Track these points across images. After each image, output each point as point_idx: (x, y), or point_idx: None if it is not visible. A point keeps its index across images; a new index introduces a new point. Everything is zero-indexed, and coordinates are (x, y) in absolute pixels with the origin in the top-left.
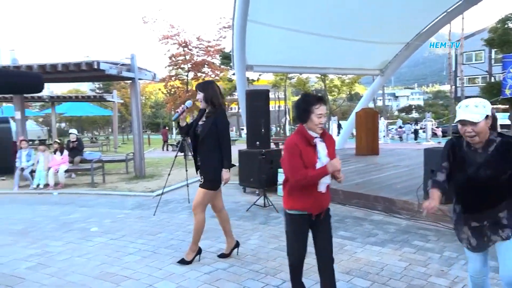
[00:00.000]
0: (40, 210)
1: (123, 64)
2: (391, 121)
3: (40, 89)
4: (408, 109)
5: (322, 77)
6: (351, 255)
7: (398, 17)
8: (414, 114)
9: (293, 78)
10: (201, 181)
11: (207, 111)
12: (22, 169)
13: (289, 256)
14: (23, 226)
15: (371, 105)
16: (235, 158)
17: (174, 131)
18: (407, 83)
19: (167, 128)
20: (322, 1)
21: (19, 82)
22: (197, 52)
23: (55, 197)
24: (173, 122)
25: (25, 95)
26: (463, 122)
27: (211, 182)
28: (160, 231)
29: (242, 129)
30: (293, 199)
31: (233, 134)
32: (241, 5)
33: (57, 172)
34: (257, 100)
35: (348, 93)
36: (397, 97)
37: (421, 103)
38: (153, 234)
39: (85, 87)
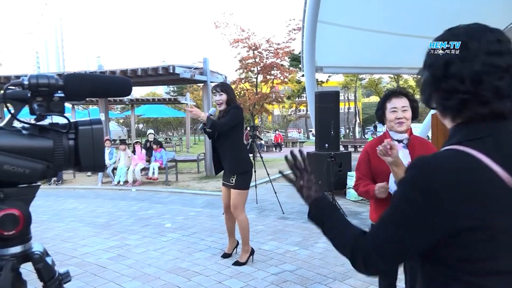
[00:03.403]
0: (120, 205)
1: (196, 68)
2: None
3: (129, 92)
4: None
5: (395, 77)
6: None
7: (483, 10)
8: None
9: (364, 78)
10: (232, 183)
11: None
12: (105, 167)
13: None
14: (105, 219)
15: None
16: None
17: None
18: None
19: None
20: None
21: (112, 87)
22: (266, 54)
23: (133, 193)
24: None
25: (109, 98)
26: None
27: (243, 177)
28: None
29: (311, 131)
30: (372, 210)
31: (301, 136)
32: (312, 6)
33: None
34: (327, 102)
35: None
36: None
37: None
38: (222, 233)
39: (161, 90)
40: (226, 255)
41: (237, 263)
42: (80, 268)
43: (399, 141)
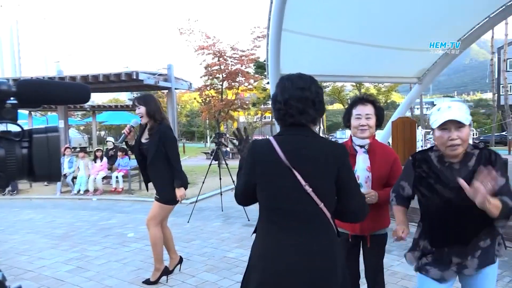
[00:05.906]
0: (80, 215)
1: (160, 74)
2: (429, 130)
3: (87, 100)
4: None
5: (358, 85)
6: (388, 268)
7: (437, 23)
8: None
9: (328, 86)
10: (157, 196)
11: (148, 126)
12: (65, 175)
13: None
14: (64, 230)
15: (408, 114)
16: None
17: (209, 139)
18: (446, 91)
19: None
20: (358, 9)
21: (68, 94)
22: (231, 61)
23: (94, 203)
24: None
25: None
26: (446, 126)
27: (167, 199)
28: (194, 238)
29: None
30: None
31: None
32: (276, 15)
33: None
34: None
35: (384, 101)
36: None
37: None
38: (187, 241)
39: (124, 97)
40: (165, 270)
41: (147, 282)
42: (36, 282)
43: (361, 146)
